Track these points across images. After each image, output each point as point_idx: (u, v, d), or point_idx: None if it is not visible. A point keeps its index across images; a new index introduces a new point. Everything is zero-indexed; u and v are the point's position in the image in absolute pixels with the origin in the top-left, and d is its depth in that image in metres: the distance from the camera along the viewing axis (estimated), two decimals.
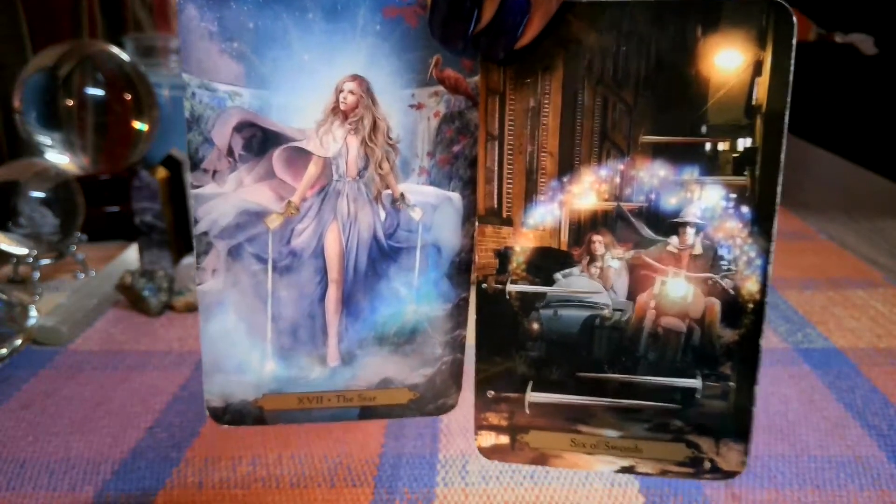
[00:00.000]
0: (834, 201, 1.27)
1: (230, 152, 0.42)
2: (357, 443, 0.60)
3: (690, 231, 0.42)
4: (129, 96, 1.09)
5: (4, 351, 0.75)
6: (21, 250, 0.93)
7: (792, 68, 0.39)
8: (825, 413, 0.65)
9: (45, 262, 0.96)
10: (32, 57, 1.13)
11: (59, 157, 1.06)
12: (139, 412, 0.66)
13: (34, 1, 1.27)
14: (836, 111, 1.66)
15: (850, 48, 1.61)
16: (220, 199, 0.43)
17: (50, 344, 0.78)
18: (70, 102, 1.05)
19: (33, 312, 0.80)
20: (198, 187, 0.43)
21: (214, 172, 0.42)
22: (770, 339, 0.78)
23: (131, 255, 0.97)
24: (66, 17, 1.36)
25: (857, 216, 1.18)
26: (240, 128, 0.42)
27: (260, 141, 0.42)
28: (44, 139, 1.06)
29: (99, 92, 1.07)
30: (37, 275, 0.93)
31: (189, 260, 0.89)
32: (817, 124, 1.61)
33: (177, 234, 0.91)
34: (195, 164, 0.42)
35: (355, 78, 0.42)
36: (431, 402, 0.49)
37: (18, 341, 0.77)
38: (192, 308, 0.85)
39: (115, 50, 1.10)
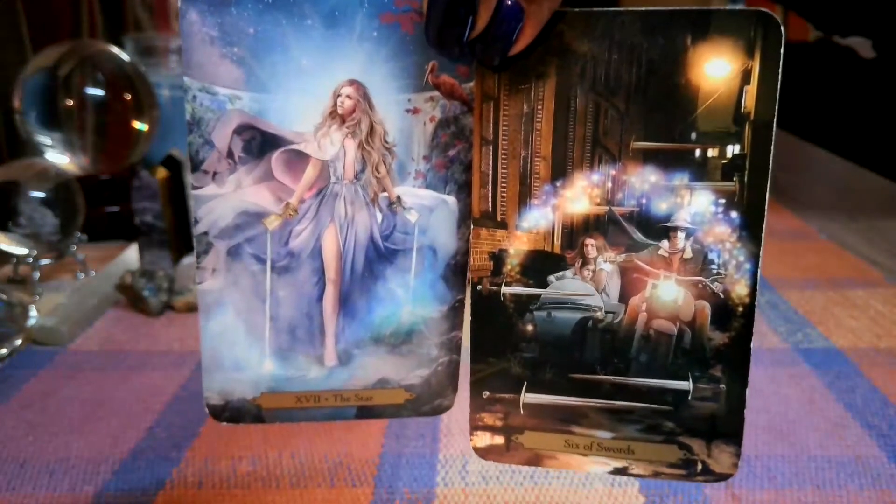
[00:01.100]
0: (834, 201, 1.27)
1: (230, 154, 0.43)
2: (357, 443, 0.61)
3: (681, 235, 0.42)
4: (129, 96, 1.08)
5: (4, 351, 0.75)
6: (21, 250, 0.93)
7: (780, 77, 0.39)
8: (825, 413, 0.65)
9: (45, 262, 0.96)
10: (32, 57, 1.13)
11: (59, 157, 1.06)
12: (139, 412, 0.66)
13: (34, 1, 1.27)
14: (836, 111, 1.66)
15: (849, 50, 1.60)
16: (220, 199, 0.44)
17: (50, 344, 0.79)
18: (70, 102, 1.05)
19: (33, 312, 0.80)
20: (198, 188, 0.43)
21: (214, 174, 0.43)
22: (770, 339, 0.78)
23: (131, 255, 0.97)
24: (66, 17, 1.36)
25: (857, 216, 1.17)
26: (239, 130, 0.43)
27: (259, 143, 0.43)
28: (44, 139, 1.06)
29: (99, 92, 1.07)
30: (37, 275, 0.93)
31: (189, 260, 0.89)
32: (817, 124, 1.60)
33: (177, 234, 0.91)
34: (196, 166, 0.43)
35: (353, 83, 0.42)
36: (427, 402, 0.49)
37: (18, 341, 0.77)
38: (192, 308, 0.85)
39: (115, 50, 1.10)
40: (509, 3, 0.38)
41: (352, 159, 0.44)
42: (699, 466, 0.46)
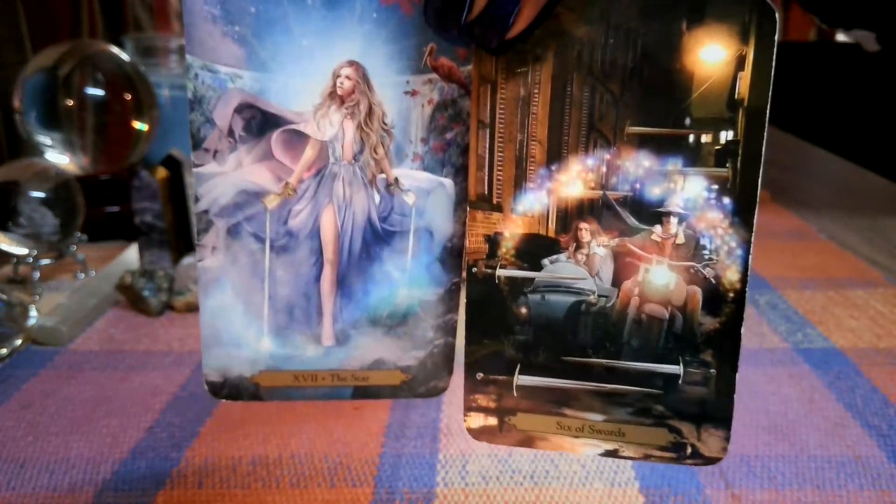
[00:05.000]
0: (834, 201, 1.26)
1: (231, 133, 0.43)
2: (357, 443, 0.60)
3: (673, 220, 0.43)
4: (129, 96, 1.08)
5: (4, 351, 0.75)
6: (21, 250, 0.92)
7: (773, 63, 0.40)
8: (825, 413, 0.64)
9: (45, 262, 0.95)
10: (32, 57, 1.13)
11: (59, 157, 1.06)
12: (139, 412, 0.65)
13: (34, 1, 1.28)
14: (836, 111, 1.66)
15: (850, 47, 1.60)
16: (221, 178, 0.44)
17: (50, 344, 0.78)
18: (70, 102, 1.05)
19: (33, 312, 0.79)
20: (199, 166, 0.44)
21: (215, 152, 0.44)
22: (770, 339, 0.78)
23: (131, 255, 0.95)
24: (66, 17, 1.36)
25: (856, 216, 1.17)
26: (240, 109, 0.43)
27: (259, 123, 0.43)
28: (44, 139, 1.05)
29: (99, 92, 1.07)
30: (37, 275, 0.92)
31: (189, 260, 0.88)
32: (817, 124, 1.60)
33: (177, 234, 0.91)
34: (197, 144, 0.43)
35: (352, 64, 0.43)
36: (423, 384, 0.50)
37: (18, 341, 0.76)
38: (192, 308, 0.85)
39: (115, 50, 1.10)
40: None
41: (350, 140, 0.45)
42: (689, 450, 0.46)
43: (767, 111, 0.40)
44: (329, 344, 0.48)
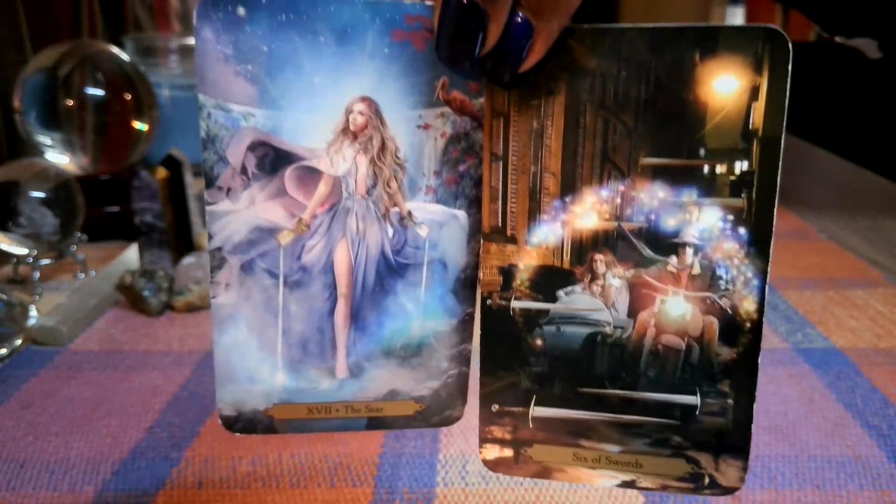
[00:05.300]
0: (834, 201, 1.26)
1: (244, 171, 0.43)
2: (357, 443, 0.60)
3: (689, 251, 0.43)
4: (129, 96, 1.09)
5: (4, 351, 0.75)
6: (21, 250, 0.92)
7: (787, 93, 0.40)
8: (825, 413, 0.65)
9: (45, 262, 0.95)
10: (32, 57, 1.14)
11: (59, 157, 1.06)
12: (139, 412, 0.66)
13: (34, 1, 1.27)
14: (836, 111, 1.66)
15: (850, 48, 1.60)
16: (234, 215, 0.44)
17: (50, 344, 0.78)
18: (70, 102, 1.06)
19: (33, 312, 0.80)
20: (212, 204, 0.44)
21: (228, 190, 0.43)
22: (770, 339, 0.78)
23: (131, 255, 0.96)
24: (66, 17, 1.36)
25: (857, 216, 1.17)
26: (253, 147, 0.43)
27: (272, 160, 0.43)
28: (44, 139, 1.06)
29: (99, 92, 1.07)
30: (37, 275, 0.93)
31: (189, 260, 0.88)
32: (818, 124, 1.60)
33: (177, 234, 0.91)
34: (210, 182, 0.43)
35: (364, 99, 0.43)
36: (437, 413, 0.49)
37: (18, 341, 0.77)
38: (192, 308, 0.85)
39: (115, 50, 1.10)
40: (519, 19, 0.38)
41: (363, 175, 0.44)
42: (706, 480, 0.46)
43: (782, 141, 0.40)
44: (343, 377, 0.48)
